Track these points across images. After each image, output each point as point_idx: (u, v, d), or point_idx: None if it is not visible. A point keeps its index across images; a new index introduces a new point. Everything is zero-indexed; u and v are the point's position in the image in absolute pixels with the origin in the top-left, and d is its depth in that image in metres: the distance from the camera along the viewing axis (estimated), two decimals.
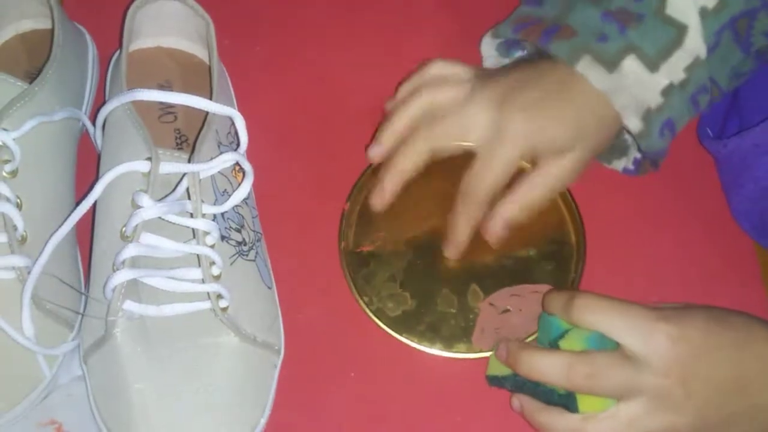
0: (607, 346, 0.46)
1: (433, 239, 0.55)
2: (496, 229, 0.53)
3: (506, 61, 0.58)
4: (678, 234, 0.56)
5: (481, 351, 0.52)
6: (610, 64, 0.50)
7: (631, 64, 0.50)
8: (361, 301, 0.53)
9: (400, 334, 0.52)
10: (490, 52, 0.58)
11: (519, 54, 0.58)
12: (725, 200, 0.57)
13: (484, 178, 0.51)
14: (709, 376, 0.45)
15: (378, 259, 0.55)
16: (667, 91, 0.51)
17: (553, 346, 0.47)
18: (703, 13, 0.50)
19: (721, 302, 0.54)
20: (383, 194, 0.54)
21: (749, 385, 0.45)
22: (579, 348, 0.46)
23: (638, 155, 0.56)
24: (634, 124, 0.51)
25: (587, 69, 0.51)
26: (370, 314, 0.53)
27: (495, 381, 0.50)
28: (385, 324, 0.52)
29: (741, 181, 0.54)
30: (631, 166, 0.57)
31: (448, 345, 0.52)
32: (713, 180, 0.58)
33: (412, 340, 0.52)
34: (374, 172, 0.56)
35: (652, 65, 0.51)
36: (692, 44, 0.51)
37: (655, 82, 0.51)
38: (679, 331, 0.45)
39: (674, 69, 0.51)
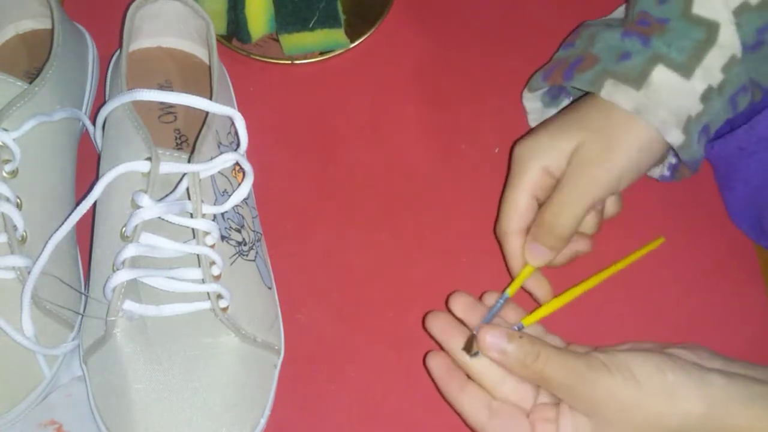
0: None
1: None
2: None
3: (553, 111, 0.55)
4: (678, 233, 0.56)
5: None
6: (637, 80, 0.48)
7: (660, 75, 0.47)
8: None
9: None
10: (533, 105, 0.56)
11: (566, 101, 0.55)
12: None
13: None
14: None
15: None
16: (706, 96, 0.48)
17: None
18: (745, 7, 0.47)
19: (721, 301, 0.54)
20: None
21: None
22: None
23: (673, 161, 0.54)
24: (675, 137, 0.48)
25: (612, 93, 0.48)
26: None
27: None
28: None
29: (732, 183, 0.54)
30: (666, 173, 0.55)
31: None
32: (712, 179, 0.58)
33: None
34: None
35: (685, 70, 0.47)
36: (727, 41, 0.47)
37: (692, 89, 0.48)
38: None
39: (710, 71, 0.48)
